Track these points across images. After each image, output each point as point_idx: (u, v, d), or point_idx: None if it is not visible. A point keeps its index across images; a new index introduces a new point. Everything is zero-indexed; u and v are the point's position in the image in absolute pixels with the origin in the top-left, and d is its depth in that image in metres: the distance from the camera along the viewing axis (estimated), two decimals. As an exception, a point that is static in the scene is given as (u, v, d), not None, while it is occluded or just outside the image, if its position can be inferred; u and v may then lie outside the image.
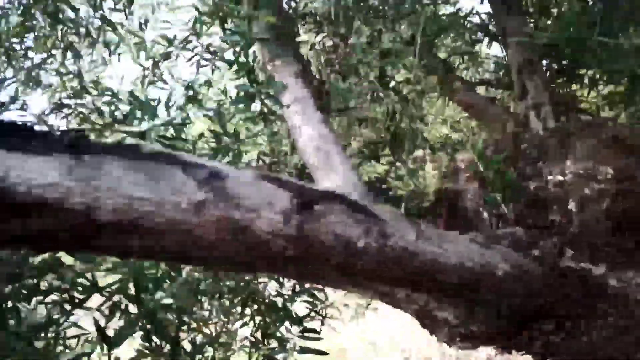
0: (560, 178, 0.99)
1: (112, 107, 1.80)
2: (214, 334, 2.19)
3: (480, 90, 3.02)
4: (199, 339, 2.14)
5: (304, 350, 1.42)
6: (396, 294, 0.77)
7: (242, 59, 1.33)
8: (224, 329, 2.30)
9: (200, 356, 2.07)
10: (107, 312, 1.21)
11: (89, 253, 1.08)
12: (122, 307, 1.25)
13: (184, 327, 1.48)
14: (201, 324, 2.31)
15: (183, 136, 1.59)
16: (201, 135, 1.58)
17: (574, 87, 2.57)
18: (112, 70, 2.61)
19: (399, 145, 1.65)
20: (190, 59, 2.35)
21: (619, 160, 0.91)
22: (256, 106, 1.47)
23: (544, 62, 2.42)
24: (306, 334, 1.44)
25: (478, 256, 0.78)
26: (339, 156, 1.33)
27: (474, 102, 2.15)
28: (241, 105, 1.35)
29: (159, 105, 1.45)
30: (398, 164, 2.39)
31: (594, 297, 0.89)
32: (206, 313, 2.19)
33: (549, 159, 1.03)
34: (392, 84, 2.32)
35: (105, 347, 1.16)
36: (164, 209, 0.62)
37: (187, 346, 1.70)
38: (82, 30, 2.34)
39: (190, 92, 2.00)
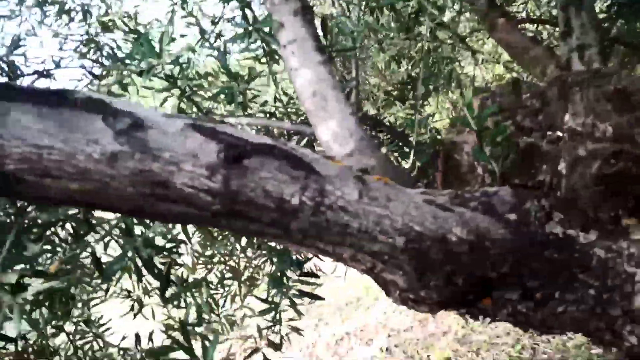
0: (559, 133, 0.88)
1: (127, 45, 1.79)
2: (240, 268, 2.26)
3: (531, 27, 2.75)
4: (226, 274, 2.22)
5: (301, 294, 1.42)
6: (341, 254, 0.73)
7: (235, -6, 1.26)
8: (248, 264, 2.37)
9: (223, 290, 2.15)
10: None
11: (10, 198, 1.10)
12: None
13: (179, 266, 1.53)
14: (227, 258, 2.39)
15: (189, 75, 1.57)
16: (207, 74, 1.54)
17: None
18: (145, 5, 2.59)
19: (418, 88, 1.54)
20: (219, -9, 2.29)
21: (620, 116, 0.79)
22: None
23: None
24: (304, 278, 1.44)
25: (430, 219, 0.71)
26: (337, 100, 1.26)
27: (514, 41, 1.96)
28: (240, 43, 1.30)
29: (164, 43, 1.41)
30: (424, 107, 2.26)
31: (574, 267, 0.80)
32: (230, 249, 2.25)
33: (549, 111, 0.91)
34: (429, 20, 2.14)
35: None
36: (76, 160, 0.60)
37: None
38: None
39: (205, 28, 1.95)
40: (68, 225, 1.36)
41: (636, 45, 2.11)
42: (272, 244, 1.57)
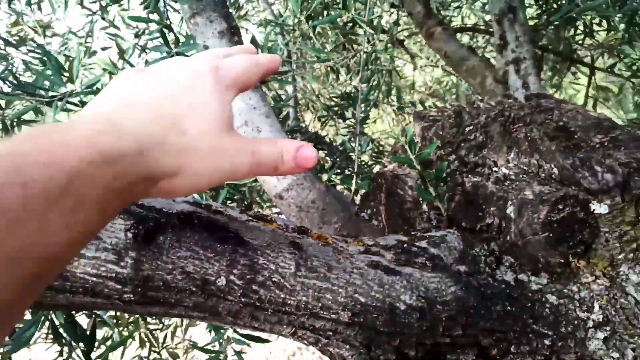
0: (505, 171, 0.84)
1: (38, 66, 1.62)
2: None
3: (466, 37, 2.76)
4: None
5: (241, 340, 1.32)
6: (280, 331, 0.65)
7: (153, 15, 1.14)
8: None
9: (161, 324, 2.00)
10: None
11: None
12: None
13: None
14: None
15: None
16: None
17: (570, 32, 2.33)
18: (62, 15, 2.38)
19: (357, 108, 1.48)
20: (143, 2, 2.13)
21: (565, 157, 0.75)
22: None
23: (536, 3, 2.18)
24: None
25: (376, 287, 0.64)
26: (271, 130, 1.17)
27: (450, 51, 1.94)
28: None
29: (76, 68, 1.27)
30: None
31: (527, 317, 0.76)
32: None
33: (493, 147, 0.87)
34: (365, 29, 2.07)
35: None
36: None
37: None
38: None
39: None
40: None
41: (566, 54, 2.16)
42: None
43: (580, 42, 2.18)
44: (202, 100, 0.43)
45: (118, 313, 1.48)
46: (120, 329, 1.63)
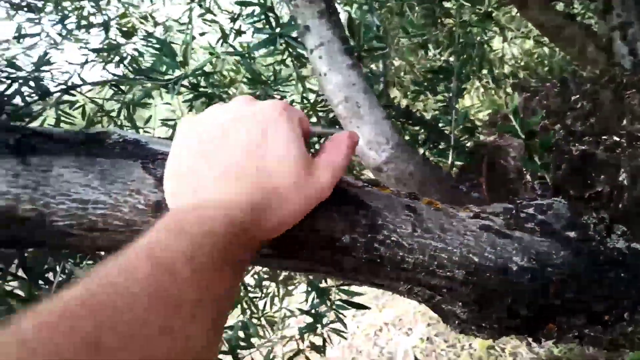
0: (616, 138, 0.83)
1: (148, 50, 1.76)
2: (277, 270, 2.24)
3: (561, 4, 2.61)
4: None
5: (343, 305, 1.39)
6: (397, 287, 0.70)
7: None
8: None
9: (260, 292, 2.14)
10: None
11: (62, 250, 1.09)
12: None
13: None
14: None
15: (215, 82, 1.54)
16: (232, 81, 1.50)
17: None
18: (161, 3, 2.55)
19: (449, 77, 1.48)
20: (238, -13, 2.23)
21: (688, 124, 0.73)
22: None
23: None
24: (346, 288, 1.42)
25: (488, 248, 0.68)
26: (370, 105, 1.22)
27: (546, 20, 1.87)
28: (263, 50, 1.26)
29: (188, 52, 1.38)
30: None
31: (642, 285, 0.76)
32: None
33: (603, 114, 0.85)
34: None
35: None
36: (121, 212, 0.58)
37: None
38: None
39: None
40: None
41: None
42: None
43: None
44: (283, 150, 0.51)
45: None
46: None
